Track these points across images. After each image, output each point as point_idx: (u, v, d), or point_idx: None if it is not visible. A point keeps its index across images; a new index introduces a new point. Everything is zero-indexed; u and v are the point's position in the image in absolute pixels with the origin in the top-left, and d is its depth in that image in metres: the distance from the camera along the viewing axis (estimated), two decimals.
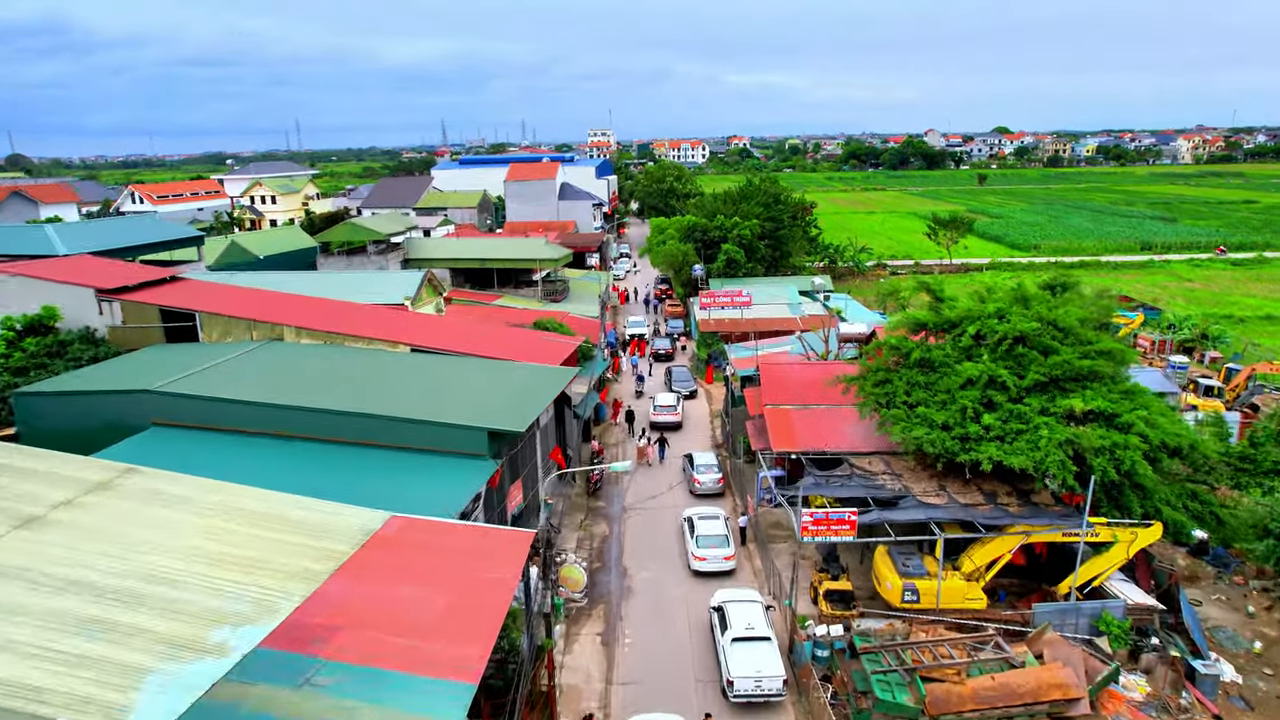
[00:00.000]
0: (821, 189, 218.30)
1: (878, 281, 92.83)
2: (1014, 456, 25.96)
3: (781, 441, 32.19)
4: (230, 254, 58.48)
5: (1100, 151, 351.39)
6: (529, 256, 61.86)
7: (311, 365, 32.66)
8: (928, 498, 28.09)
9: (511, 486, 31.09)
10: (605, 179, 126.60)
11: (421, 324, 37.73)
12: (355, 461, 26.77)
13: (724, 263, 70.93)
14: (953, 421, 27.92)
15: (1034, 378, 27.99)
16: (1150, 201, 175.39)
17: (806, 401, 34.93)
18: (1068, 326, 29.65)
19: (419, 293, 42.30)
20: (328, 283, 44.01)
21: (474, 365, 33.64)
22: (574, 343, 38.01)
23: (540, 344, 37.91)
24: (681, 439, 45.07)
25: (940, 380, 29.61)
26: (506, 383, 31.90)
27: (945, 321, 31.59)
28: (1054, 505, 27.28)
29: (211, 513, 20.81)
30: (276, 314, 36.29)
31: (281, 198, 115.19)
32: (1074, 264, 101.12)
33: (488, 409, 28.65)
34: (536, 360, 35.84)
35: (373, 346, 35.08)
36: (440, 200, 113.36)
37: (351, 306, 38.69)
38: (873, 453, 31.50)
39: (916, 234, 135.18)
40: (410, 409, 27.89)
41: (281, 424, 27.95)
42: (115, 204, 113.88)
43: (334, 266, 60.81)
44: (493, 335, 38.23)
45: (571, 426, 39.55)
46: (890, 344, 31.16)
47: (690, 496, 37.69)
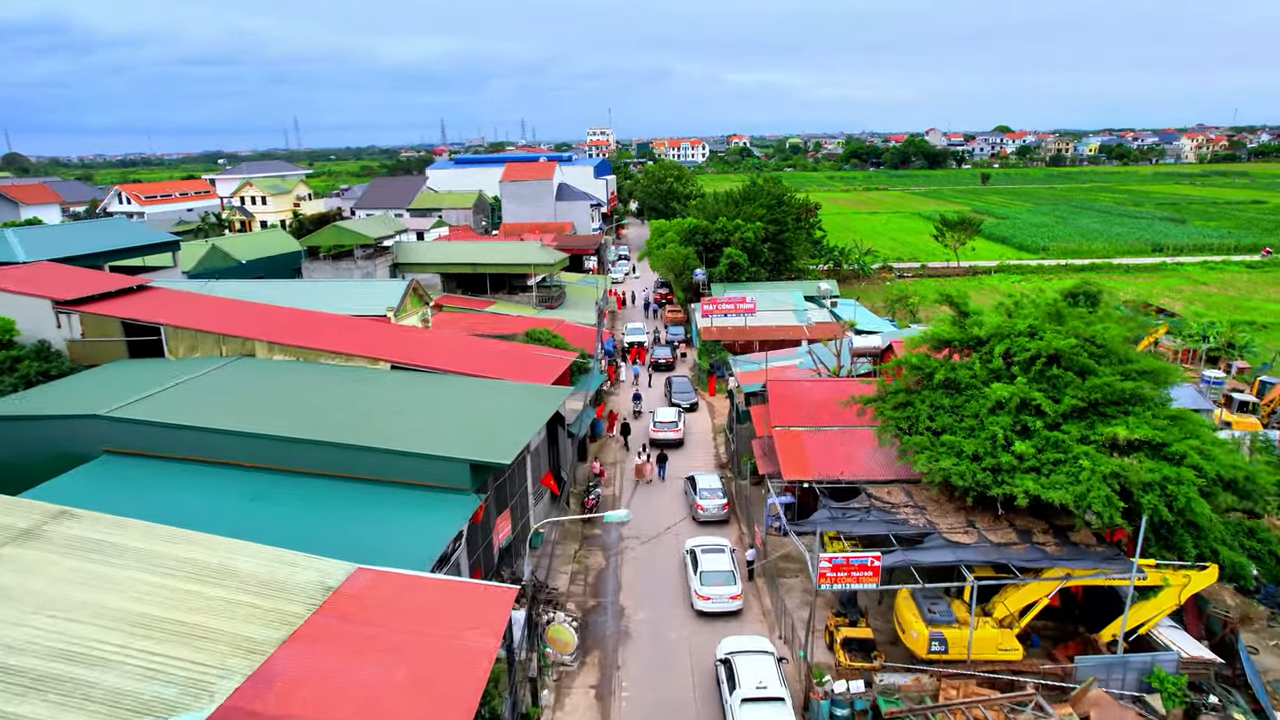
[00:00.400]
0: (823, 188, 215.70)
1: (884, 285, 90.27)
2: (1053, 491, 23.41)
3: (793, 469, 29.65)
4: (210, 259, 55.88)
5: (1103, 151, 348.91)
6: (523, 261, 59.31)
7: (282, 385, 30.09)
8: (955, 534, 25.53)
9: (499, 518, 28.56)
10: (604, 179, 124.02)
11: (404, 338, 35.17)
12: (324, 496, 24.22)
13: (726, 267, 68.39)
14: (983, 451, 25.38)
15: (1071, 402, 25.45)
16: (1157, 202, 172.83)
17: (819, 423, 32.38)
18: (1106, 343, 27.12)
19: (403, 303, 39.75)
20: (307, 292, 41.43)
21: (458, 385, 31.08)
22: (568, 359, 35.44)
23: (531, 360, 35.34)
24: (682, 457, 42.52)
25: (967, 404, 27.07)
26: (493, 405, 29.33)
27: (971, 338, 29.04)
28: (1096, 544, 24.72)
29: (150, 567, 18.27)
30: (247, 328, 33.71)
31: (272, 198, 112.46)
32: (1084, 266, 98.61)
33: (471, 437, 26.09)
34: (527, 378, 33.28)
35: (350, 364, 32.52)
36: (435, 201, 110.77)
37: (330, 319, 36.13)
38: (892, 481, 28.98)
39: (921, 235, 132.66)
40: (386, 437, 25.35)
41: (244, 453, 25.39)
42: (102, 205, 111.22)
43: (320, 272, 58.28)
44: (480, 350, 35.68)
45: (565, 446, 37.01)
46: (912, 363, 28.60)
47: (692, 523, 35.12)
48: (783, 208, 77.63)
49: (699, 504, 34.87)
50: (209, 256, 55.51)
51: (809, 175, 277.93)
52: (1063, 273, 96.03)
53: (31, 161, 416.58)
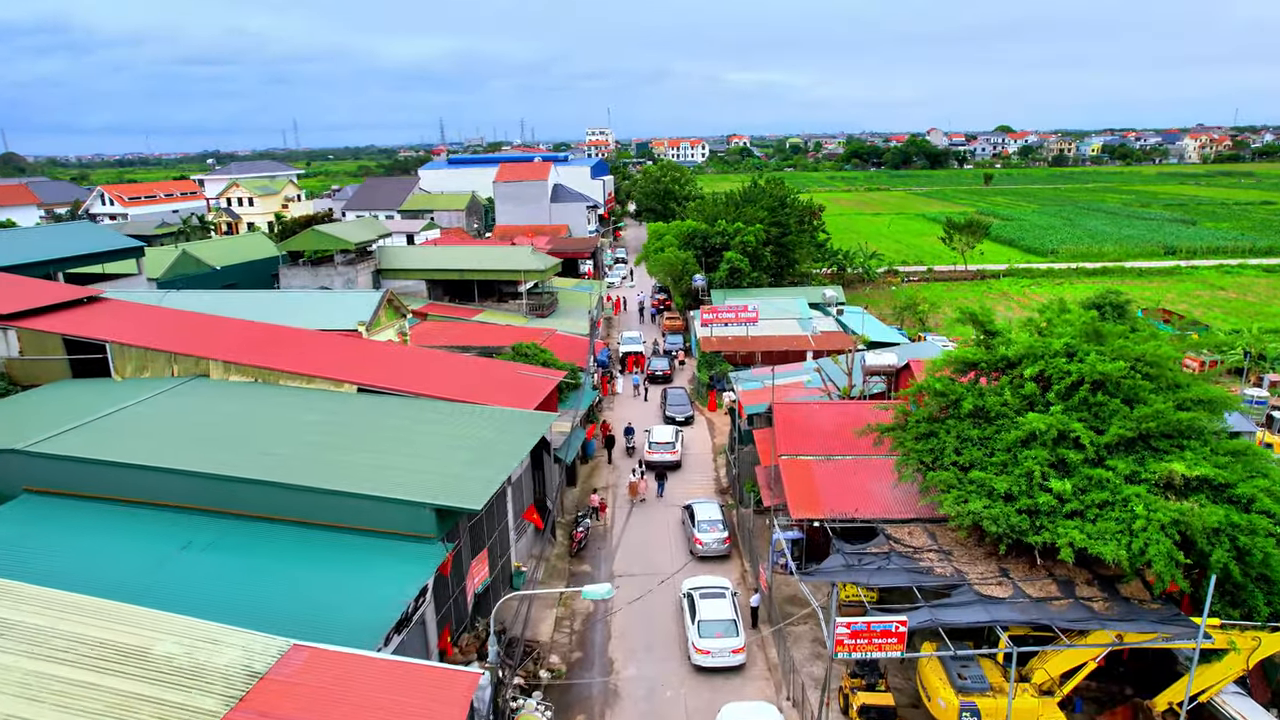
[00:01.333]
0: (824, 189, 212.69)
1: (890, 289, 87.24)
2: (1102, 544, 20.39)
3: (802, 505, 26.64)
4: (181, 266, 52.85)
5: (1105, 151, 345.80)
6: (512, 267, 56.29)
7: (233, 412, 27.06)
8: (987, 585, 22.52)
9: (474, 560, 25.56)
10: (601, 179, 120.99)
11: (375, 356, 32.15)
12: (268, 544, 21.20)
13: (726, 272, 65.40)
14: (1017, 490, 22.38)
15: (1117, 433, 22.44)
16: (1165, 203, 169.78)
17: (830, 451, 29.37)
18: (1157, 365, 24.12)
19: (376, 316, 36.74)
20: (274, 303, 38.46)
21: (431, 411, 28.06)
22: (554, 380, 32.41)
23: (514, 380, 32.31)
24: (680, 480, 39.53)
25: (998, 435, 24.07)
26: (468, 436, 26.31)
27: (1000, 360, 26.05)
28: (1149, 600, 21.70)
29: (40, 650, 15.28)
30: (202, 345, 30.68)
31: (259, 199, 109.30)
32: (1096, 270, 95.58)
33: (441, 474, 23.07)
34: (509, 401, 30.27)
35: (313, 386, 29.50)
36: (427, 202, 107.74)
37: (295, 334, 33.11)
38: (913, 520, 25.98)
39: (926, 237, 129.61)
40: (342, 475, 22.34)
41: (180, 493, 22.39)
42: (85, 206, 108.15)
43: (298, 278, 55.26)
44: (458, 369, 32.65)
45: (551, 472, 34.00)
46: (935, 389, 25.59)
47: (690, 558, 32.11)
48: (785, 210, 74.69)
49: (697, 537, 31.86)
50: (179, 263, 52.48)
51: (809, 175, 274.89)
52: (1074, 276, 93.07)
53: (28, 161, 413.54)
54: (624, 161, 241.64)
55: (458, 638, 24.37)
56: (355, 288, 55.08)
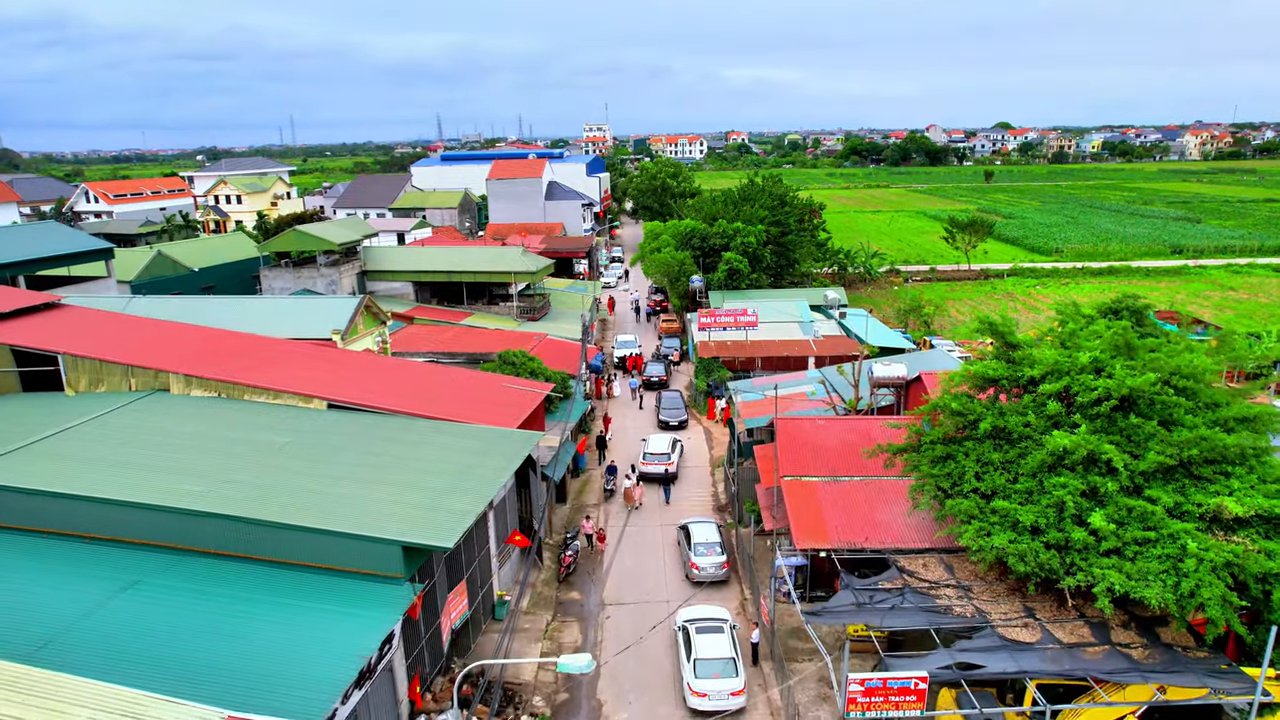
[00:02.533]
0: (823, 186, 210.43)
1: (892, 290, 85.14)
2: (1145, 586, 18.34)
3: (807, 533, 24.59)
4: (156, 268, 50.63)
5: (1106, 148, 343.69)
6: (503, 269, 54.13)
7: (191, 432, 24.93)
8: (1011, 627, 20.45)
9: (451, 593, 23.48)
10: (596, 177, 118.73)
11: (349, 369, 30.01)
12: (217, 585, 19.09)
13: (725, 273, 63.25)
14: (1044, 522, 20.34)
15: (1156, 459, 20.36)
16: (1168, 200, 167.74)
17: (836, 471, 27.31)
18: (1194, 380, 22.07)
19: (353, 324, 34.57)
20: (245, 310, 36.29)
21: (405, 431, 25.95)
22: (540, 393, 30.26)
23: (499, 394, 30.16)
24: (675, 494, 37.45)
25: (1022, 459, 22.02)
26: (445, 458, 24.21)
27: (1022, 376, 23.97)
28: (1195, 646, 19.65)
29: None
30: (161, 357, 28.55)
31: (248, 197, 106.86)
32: (1102, 270, 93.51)
33: (412, 505, 20.97)
34: (492, 417, 28.16)
35: (281, 401, 27.38)
36: (419, 200, 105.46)
37: (264, 345, 30.97)
38: (928, 550, 23.93)
39: (927, 235, 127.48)
40: (306, 508, 20.23)
41: (121, 527, 20.29)
42: (69, 203, 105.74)
43: (279, 280, 53.06)
44: (438, 382, 30.50)
45: (538, 490, 31.88)
46: (952, 408, 23.51)
47: (686, 583, 30.03)
48: (785, 209, 72.51)
49: (694, 562, 29.76)
50: (154, 265, 50.27)
51: (808, 172, 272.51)
52: (1080, 276, 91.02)
53: (23, 157, 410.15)
54: (621, 158, 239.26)
55: (430, 683, 22.30)
56: (339, 290, 52.94)
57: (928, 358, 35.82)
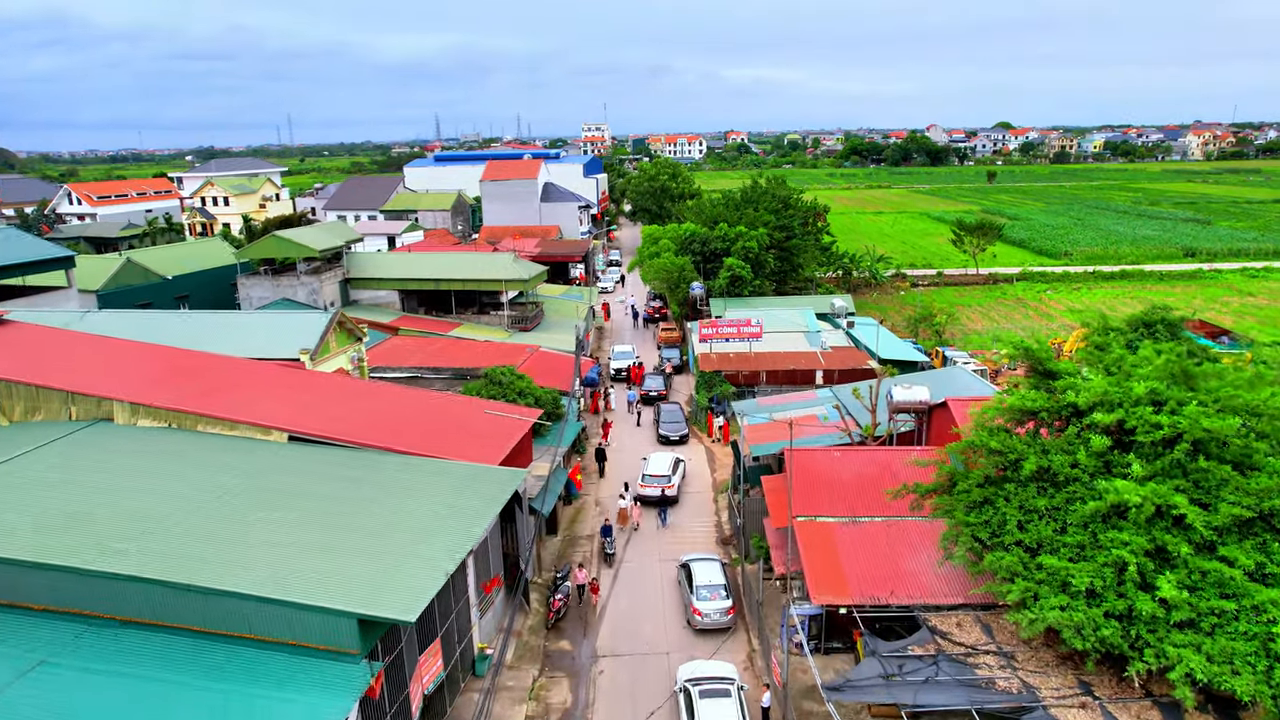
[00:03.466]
0: (823, 186, 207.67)
1: (898, 295, 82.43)
2: (1231, 674, 15.61)
3: (824, 585, 21.85)
4: (125, 276, 47.78)
5: (1108, 147, 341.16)
6: (493, 277, 51.34)
7: (130, 470, 22.15)
8: (1065, 708, 17.68)
9: (423, 655, 20.71)
10: (594, 178, 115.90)
11: (315, 395, 27.23)
12: (139, 664, 16.33)
13: (727, 279, 60.47)
14: (1101, 584, 17.61)
15: (1231, 511, 17.63)
16: (1175, 201, 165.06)
17: (855, 511, 24.58)
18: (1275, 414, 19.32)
19: (324, 342, 31.79)
20: (207, 326, 33.51)
21: (373, 469, 23.19)
22: (528, 420, 27.45)
23: (480, 423, 27.36)
24: (675, 522, 34.74)
25: (1071, 506, 19.30)
26: (416, 503, 21.45)
27: (1067, 407, 21.23)
28: None
29: None
30: (106, 382, 25.77)
31: (235, 199, 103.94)
32: (1113, 274, 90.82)
33: (372, 566, 18.21)
34: (473, 449, 25.40)
35: (236, 433, 24.61)
36: (411, 202, 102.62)
37: (224, 366, 28.18)
38: (962, 606, 21.20)
39: (931, 237, 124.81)
40: (245, 569, 17.46)
41: (32, 591, 17.53)
42: (51, 205, 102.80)
43: (257, 288, 50.26)
44: (413, 410, 27.69)
45: (525, 525, 29.14)
46: (990, 445, 20.78)
47: (688, 629, 27.28)
48: (789, 212, 69.78)
49: (695, 607, 26.99)
50: (123, 273, 47.46)
51: (808, 172, 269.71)
52: (1091, 281, 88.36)
53: (18, 157, 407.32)
54: (619, 159, 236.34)
55: None
56: (320, 299, 50.16)
57: (950, 378, 33.06)
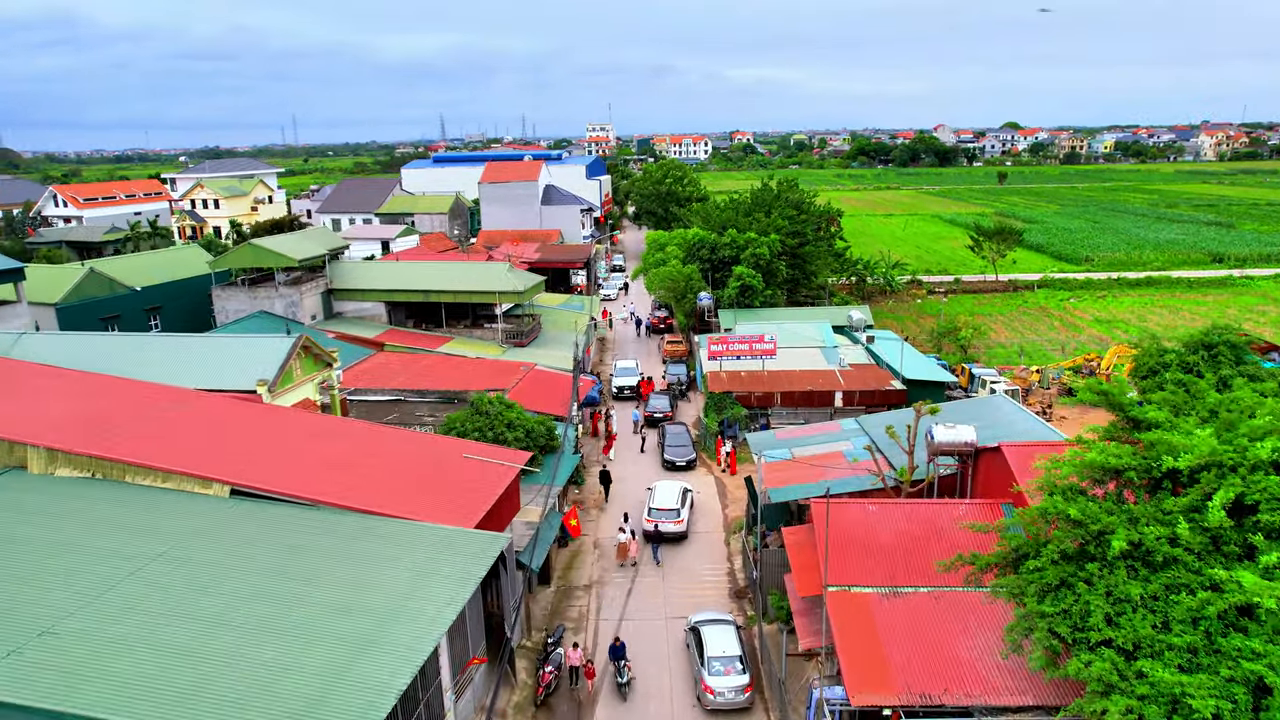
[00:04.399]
0: (831, 187, 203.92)
1: (915, 303, 78.66)
2: None
3: (864, 679, 18.20)
4: (86, 288, 44.29)
5: (1119, 148, 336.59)
6: (486, 288, 47.75)
7: (33, 538, 18.56)
8: None
9: None
10: (597, 179, 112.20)
11: (268, 436, 23.63)
12: None
13: (736, 289, 56.80)
14: (1230, 709, 13.94)
15: None
16: (1194, 203, 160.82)
17: (896, 579, 20.92)
18: None
19: (285, 370, 28.17)
20: (156, 351, 29.94)
21: (327, 533, 19.58)
22: (515, 465, 23.75)
23: (458, 471, 23.68)
24: (682, 566, 31.14)
25: (1175, 598, 15.63)
26: (375, 577, 17.84)
27: (1162, 467, 17.55)
28: None
29: None
30: (22, 423, 22.22)
31: (226, 201, 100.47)
32: (1139, 280, 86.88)
33: (310, 671, 14.60)
34: (448, 504, 21.78)
35: (171, 485, 21.04)
36: (408, 205, 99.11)
37: (167, 402, 24.59)
38: (1034, 708, 17.52)
39: (945, 240, 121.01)
40: (148, 682, 13.88)
41: None
42: (36, 207, 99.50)
43: (232, 300, 46.77)
44: (381, 453, 24.04)
45: (511, 581, 25.51)
46: (1069, 514, 17.11)
47: (698, 710, 23.64)
48: (802, 216, 66.08)
49: (707, 683, 23.31)
50: (85, 284, 44.01)
51: (815, 173, 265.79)
52: (1116, 288, 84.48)
53: (23, 157, 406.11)
54: (624, 159, 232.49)
55: None
56: (299, 312, 46.63)
57: (993, 411, 29.29)
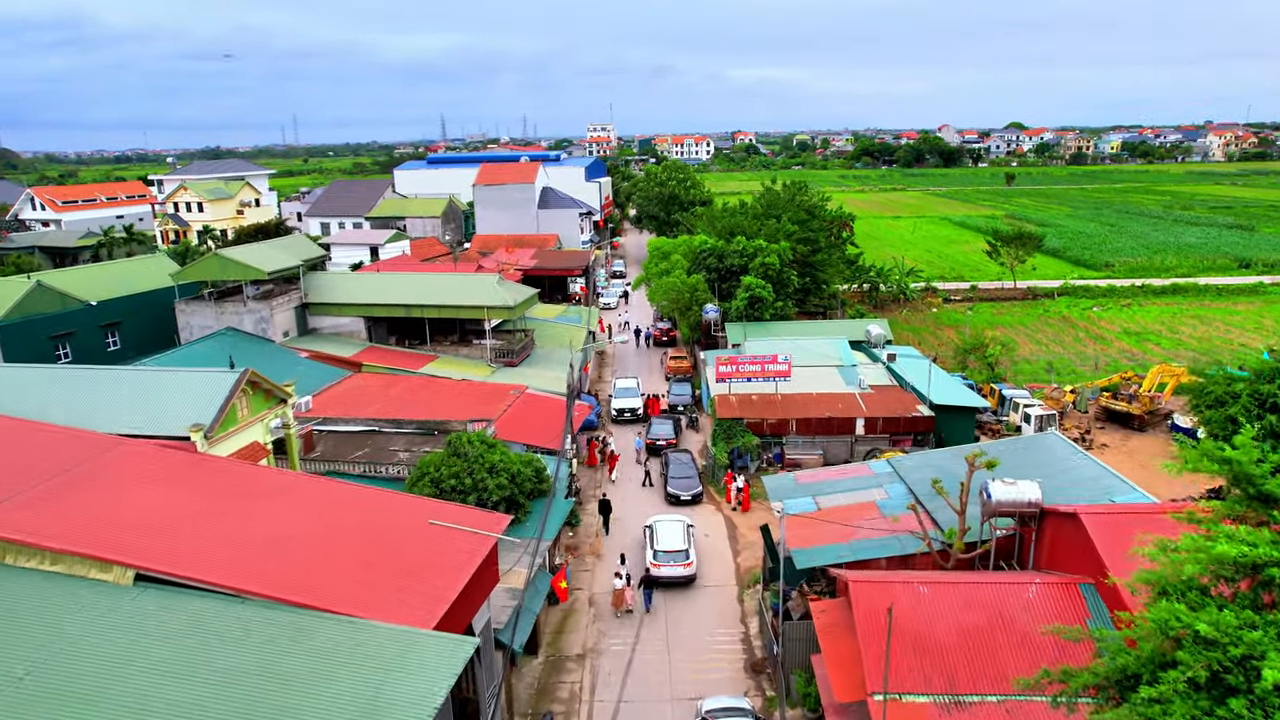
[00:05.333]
0: (836, 188, 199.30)
1: (930, 313, 74.58)
2: None
3: None
4: (32, 303, 40.30)
5: (1125, 148, 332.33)
6: (473, 303, 43.77)
7: None
8: None
9: None
10: (597, 181, 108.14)
11: (195, 499, 19.63)
12: None
13: (745, 301, 52.83)
14: None
15: None
16: (1210, 205, 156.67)
17: (957, 684, 16.95)
18: None
19: (225, 412, 24.05)
20: (81, 388, 25.84)
21: (252, 631, 15.59)
22: (491, 535, 19.68)
23: (422, 541, 19.60)
24: (689, 613, 27.18)
25: None
26: (308, 703, 13.85)
27: None
28: None
29: None
30: None
31: (210, 204, 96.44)
32: (1164, 288, 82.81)
33: None
34: (407, 591, 17.77)
35: (60, 569, 17.07)
36: (399, 208, 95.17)
37: (75, 454, 20.60)
38: None
39: (957, 245, 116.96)
40: None
41: None
42: (13, 210, 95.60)
43: (197, 317, 42.82)
44: (332, 520, 19.97)
45: (489, 663, 21.57)
46: (1198, 630, 13.13)
47: None
48: (814, 222, 62.11)
49: None
50: (30, 299, 40.01)
51: (819, 174, 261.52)
52: (1141, 296, 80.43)
53: (21, 157, 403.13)
54: (625, 159, 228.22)
55: None
56: (270, 329, 42.67)
57: (1050, 456, 25.23)
